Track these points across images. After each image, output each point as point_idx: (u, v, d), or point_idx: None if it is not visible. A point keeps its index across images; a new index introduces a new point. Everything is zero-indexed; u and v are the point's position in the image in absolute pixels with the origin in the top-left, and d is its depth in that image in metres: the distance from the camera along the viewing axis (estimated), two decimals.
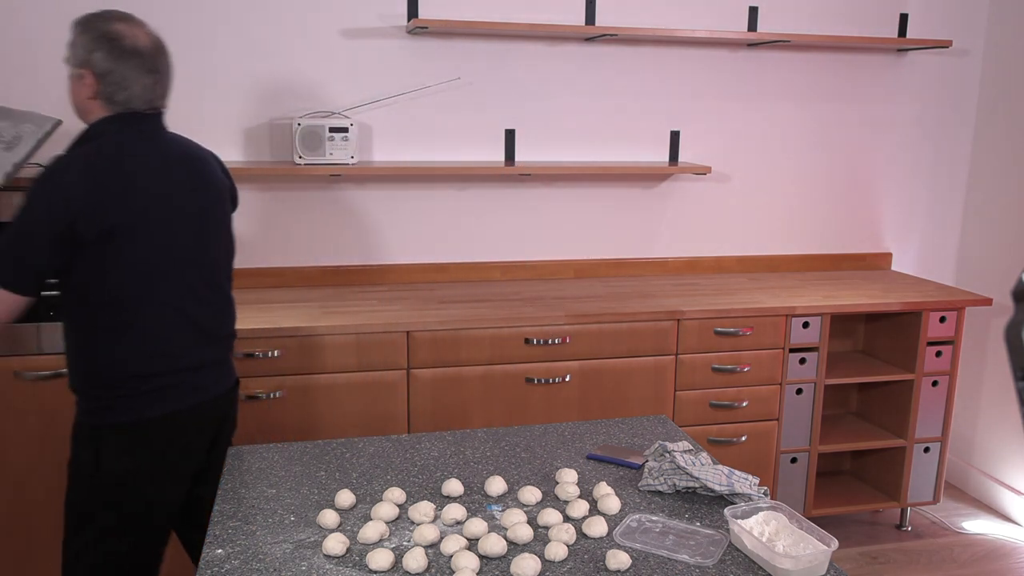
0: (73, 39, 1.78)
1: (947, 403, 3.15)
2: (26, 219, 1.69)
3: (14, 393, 2.41)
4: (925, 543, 3.21)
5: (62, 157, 1.76)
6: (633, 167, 3.14)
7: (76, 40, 1.77)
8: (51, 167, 1.73)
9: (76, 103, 1.82)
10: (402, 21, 3.00)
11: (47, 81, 2.77)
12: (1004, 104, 3.47)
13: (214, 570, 1.33)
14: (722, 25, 3.25)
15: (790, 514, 1.45)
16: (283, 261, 3.06)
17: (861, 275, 3.48)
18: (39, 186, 1.70)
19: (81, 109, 1.82)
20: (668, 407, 2.88)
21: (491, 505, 1.55)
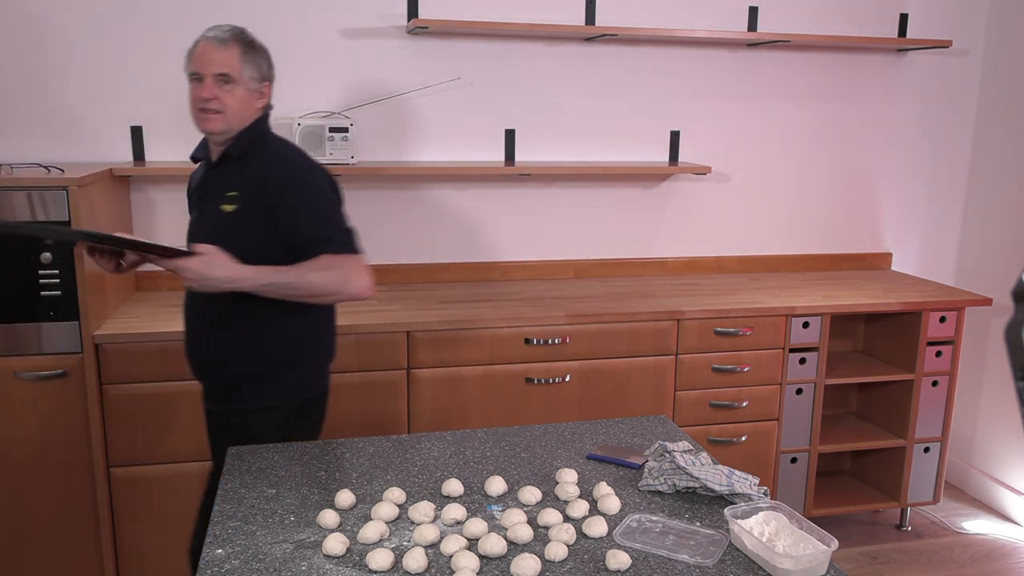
0: (251, 57, 1.93)
1: (947, 403, 3.15)
2: (328, 198, 1.95)
3: (14, 393, 2.41)
4: (925, 543, 3.21)
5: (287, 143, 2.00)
6: (633, 167, 3.14)
7: (255, 58, 1.94)
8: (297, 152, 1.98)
9: (243, 112, 1.93)
10: (402, 21, 3.00)
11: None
12: (1004, 104, 3.47)
13: (214, 570, 1.33)
14: (722, 25, 3.25)
15: (790, 514, 1.45)
16: None
17: (861, 275, 3.48)
18: (311, 172, 1.94)
19: (244, 117, 1.94)
20: (668, 407, 2.88)
21: (491, 505, 1.55)
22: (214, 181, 1.98)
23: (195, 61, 1.91)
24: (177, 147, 2.93)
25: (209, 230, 1.92)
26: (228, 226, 1.89)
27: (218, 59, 1.88)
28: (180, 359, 2.48)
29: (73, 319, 2.40)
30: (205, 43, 1.90)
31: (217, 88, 1.88)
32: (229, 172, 1.95)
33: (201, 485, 2.54)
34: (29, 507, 2.48)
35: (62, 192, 2.33)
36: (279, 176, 1.91)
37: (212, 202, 1.95)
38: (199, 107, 1.90)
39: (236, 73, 1.90)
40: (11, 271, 2.35)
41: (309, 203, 1.91)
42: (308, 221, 1.90)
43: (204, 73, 1.89)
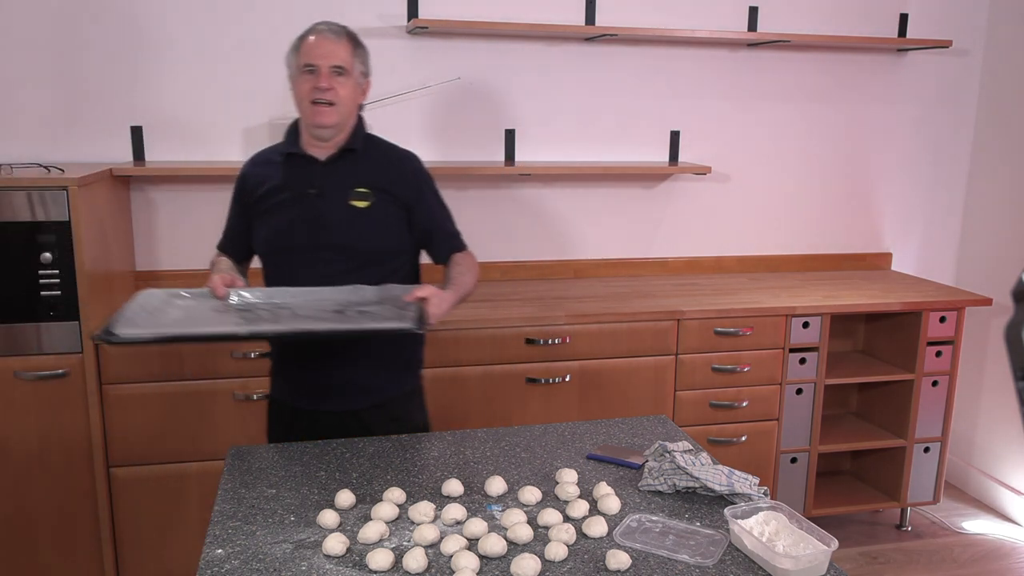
0: (359, 52, 1.95)
1: (947, 403, 3.15)
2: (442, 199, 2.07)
3: (14, 393, 2.41)
4: (925, 543, 3.21)
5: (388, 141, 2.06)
6: (633, 167, 3.14)
7: (362, 53, 1.96)
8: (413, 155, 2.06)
9: (352, 106, 1.96)
10: (402, 21, 3.00)
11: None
12: (1004, 104, 3.47)
13: (214, 570, 1.33)
14: (722, 25, 3.25)
15: (790, 514, 1.45)
16: None
17: (861, 275, 3.48)
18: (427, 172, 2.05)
19: (352, 111, 1.97)
20: (668, 407, 2.88)
21: (491, 505, 1.55)
22: (331, 176, 1.95)
23: (309, 53, 1.90)
24: (177, 147, 2.93)
25: (342, 226, 1.92)
26: (363, 221, 1.93)
27: (334, 51, 1.89)
28: (180, 359, 2.49)
29: (73, 319, 2.40)
30: (319, 36, 1.91)
31: (332, 79, 1.89)
32: (351, 167, 1.95)
33: (201, 485, 2.55)
34: (29, 507, 2.48)
35: (62, 192, 2.33)
36: (413, 174, 2.01)
37: (333, 197, 1.93)
38: (312, 99, 1.89)
39: (349, 66, 1.91)
40: (11, 271, 2.35)
41: (439, 201, 2.06)
42: (444, 219, 2.05)
43: (319, 65, 1.88)
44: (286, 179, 1.96)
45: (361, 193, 1.93)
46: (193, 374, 2.51)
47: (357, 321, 1.71)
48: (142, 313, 1.70)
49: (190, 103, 2.91)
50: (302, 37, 1.94)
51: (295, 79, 1.94)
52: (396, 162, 2.01)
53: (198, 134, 2.94)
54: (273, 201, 1.96)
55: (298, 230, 1.93)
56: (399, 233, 1.98)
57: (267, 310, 1.77)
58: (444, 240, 2.06)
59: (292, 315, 1.75)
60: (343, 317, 1.72)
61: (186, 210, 2.97)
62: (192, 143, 2.94)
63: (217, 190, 2.98)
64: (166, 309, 1.75)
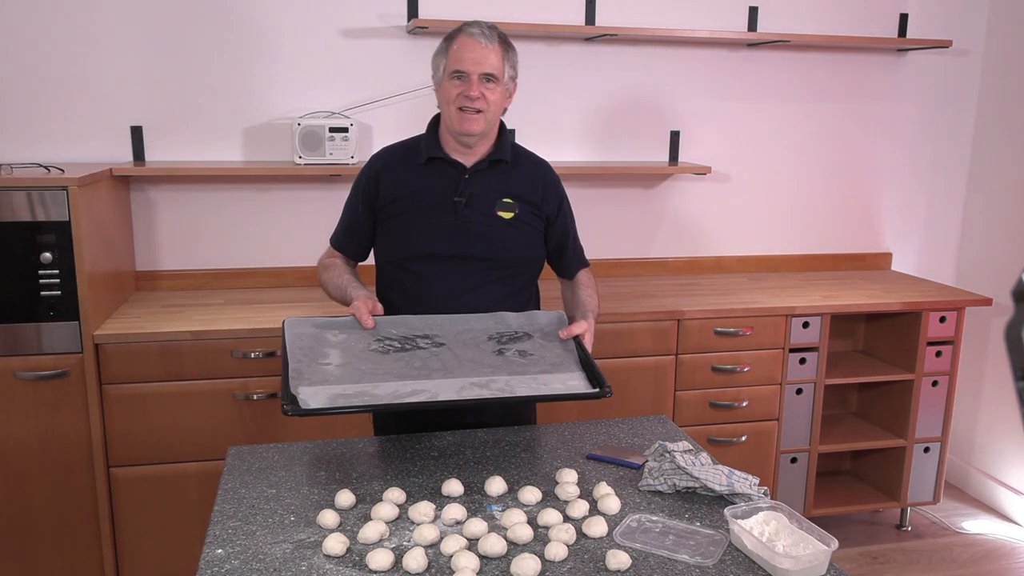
0: (509, 55, 1.91)
1: (947, 403, 3.15)
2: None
3: (14, 393, 2.41)
4: (925, 543, 3.21)
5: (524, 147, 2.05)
6: (633, 167, 3.14)
7: (512, 57, 1.92)
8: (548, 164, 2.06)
9: (499, 112, 1.93)
10: (402, 21, 3.00)
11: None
12: (1004, 104, 3.47)
13: (214, 570, 1.33)
14: (722, 25, 3.25)
15: (790, 514, 1.45)
16: (282, 261, 3.06)
17: (861, 275, 3.48)
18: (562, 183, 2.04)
19: (498, 116, 1.94)
20: (668, 407, 2.88)
21: (491, 505, 1.55)
22: (477, 184, 1.92)
23: (460, 59, 1.84)
24: (177, 147, 2.93)
25: (487, 236, 1.90)
26: (508, 233, 1.92)
27: (485, 57, 1.84)
28: (180, 359, 2.49)
29: (73, 319, 2.40)
30: (471, 40, 1.85)
31: (482, 86, 1.84)
32: (496, 177, 1.93)
33: (201, 485, 2.55)
34: (29, 507, 2.48)
35: (62, 192, 2.33)
36: (555, 188, 2.02)
37: (479, 206, 1.91)
38: (461, 105, 1.85)
39: (499, 72, 1.87)
40: (11, 271, 2.35)
41: (572, 214, 2.07)
42: (575, 233, 2.09)
43: (471, 71, 1.83)
44: (430, 184, 1.92)
45: (507, 204, 1.92)
46: (193, 374, 2.51)
47: (520, 365, 1.73)
48: (304, 360, 1.67)
49: (190, 103, 2.91)
50: (450, 38, 1.88)
51: (442, 82, 1.89)
52: (538, 172, 2.00)
53: (198, 134, 2.94)
54: (413, 205, 1.91)
55: (441, 237, 1.89)
56: (539, 245, 1.99)
57: (426, 348, 1.75)
58: (574, 255, 2.09)
59: (453, 355, 1.73)
60: (505, 360, 1.74)
61: (186, 210, 2.98)
62: (192, 143, 2.94)
63: (217, 190, 2.99)
64: (322, 349, 1.71)
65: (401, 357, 1.71)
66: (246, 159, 2.99)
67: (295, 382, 1.61)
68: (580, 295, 2.04)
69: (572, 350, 1.80)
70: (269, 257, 3.06)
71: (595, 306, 2.01)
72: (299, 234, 3.05)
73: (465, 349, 1.75)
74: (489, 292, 1.91)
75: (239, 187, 3.00)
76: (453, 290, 1.90)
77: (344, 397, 1.59)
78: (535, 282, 2.06)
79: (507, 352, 1.75)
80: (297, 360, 1.67)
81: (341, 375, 1.65)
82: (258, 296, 2.92)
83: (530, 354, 1.76)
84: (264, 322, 2.56)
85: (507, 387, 1.65)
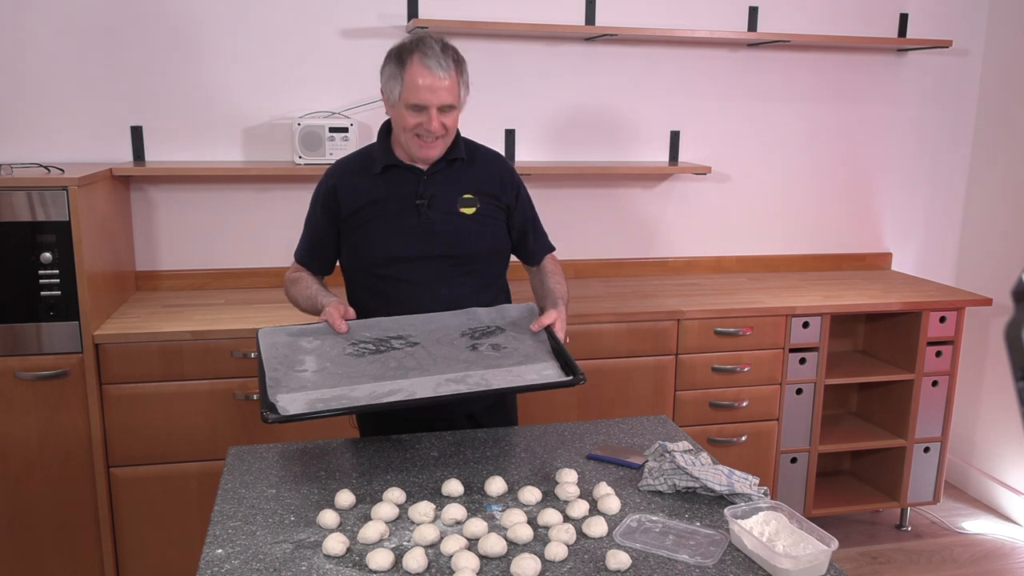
0: (464, 75, 1.88)
1: (947, 403, 3.15)
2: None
3: (14, 393, 2.41)
4: (925, 543, 3.21)
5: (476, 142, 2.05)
6: (633, 167, 3.14)
7: (464, 73, 1.88)
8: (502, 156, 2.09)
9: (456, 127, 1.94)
10: (402, 21, 3.00)
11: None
12: (1004, 104, 3.47)
13: (214, 570, 1.33)
14: (722, 25, 3.25)
15: (790, 514, 1.45)
16: (283, 261, 3.04)
17: (861, 275, 3.48)
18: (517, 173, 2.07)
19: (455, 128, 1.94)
20: (668, 407, 2.88)
21: (491, 505, 1.55)
22: (436, 185, 1.94)
23: (417, 92, 1.80)
24: (177, 147, 2.93)
25: (453, 233, 1.92)
26: (472, 228, 1.95)
27: (443, 88, 1.81)
28: (180, 359, 2.49)
29: (73, 319, 2.40)
30: (426, 71, 1.79)
31: (442, 117, 1.84)
32: (454, 175, 1.95)
33: (201, 485, 2.55)
34: (29, 507, 2.48)
35: (62, 192, 2.33)
36: (510, 177, 2.03)
37: (441, 206, 1.92)
38: (421, 135, 1.85)
39: (457, 99, 1.86)
40: (11, 271, 2.35)
41: (531, 202, 2.10)
42: (536, 219, 2.11)
43: (430, 103, 1.81)
44: (389, 190, 1.92)
45: (468, 200, 1.94)
46: (193, 374, 2.51)
47: (494, 358, 1.74)
48: (281, 368, 1.68)
49: (190, 103, 2.91)
50: (403, 61, 1.82)
51: (396, 106, 1.86)
52: (494, 165, 2.03)
53: (198, 134, 2.94)
54: (375, 213, 1.92)
55: (407, 240, 1.91)
56: (503, 235, 2.02)
57: (400, 348, 1.77)
58: (536, 241, 2.12)
59: (428, 354, 1.75)
60: (479, 355, 1.75)
61: (186, 210, 2.98)
62: (192, 143, 2.94)
63: (217, 190, 2.99)
64: (298, 356, 1.73)
65: (376, 359, 1.73)
66: (246, 159, 2.99)
67: (273, 390, 1.62)
68: (548, 283, 2.06)
69: (544, 340, 1.81)
70: (269, 257, 3.06)
71: (564, 292, 2.03)
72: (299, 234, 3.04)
73: (439, 347, 1.77)
74: (460, 286, 1.94)
75: (239, 187, 3.00)
76: (424, 289, 1.93)
77: (323, 402, 1.60)
78: (504, 274, 2.08)
79: (480, 347, 1.78)
80: (273, 369, 1.68)
81: (318, 380, 1.66)
82: (258, 296, 2.92)
83: (503, 347, 1.78)
84: (264, 322, 2.56)
85: (483, 381, 1.67)
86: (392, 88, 1.85)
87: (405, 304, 1.91)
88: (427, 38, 1.84)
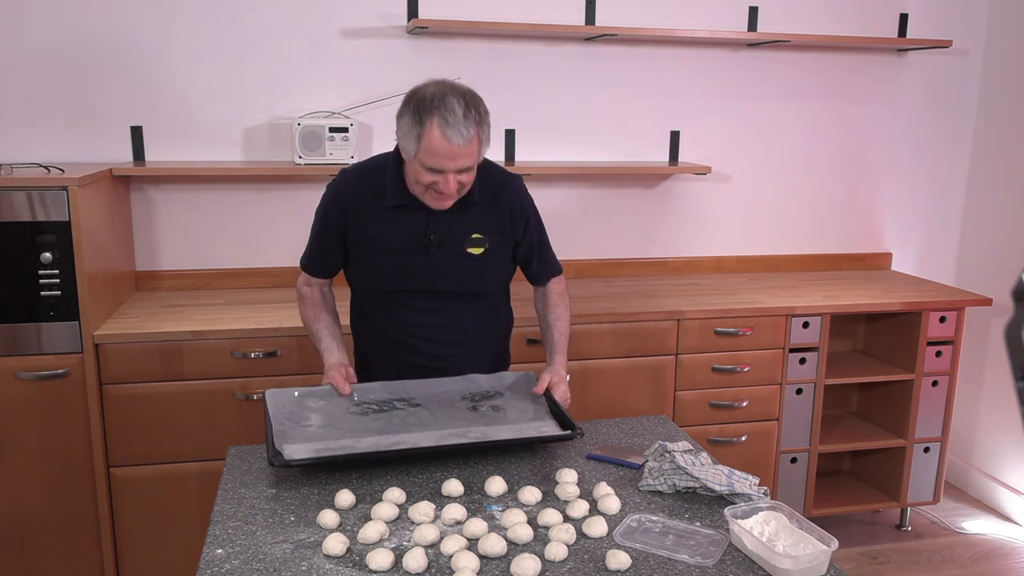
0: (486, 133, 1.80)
1: (947, 403, 3.15)
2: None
3: (14, 393, 2.41)
4: (925, 543, 3.21)
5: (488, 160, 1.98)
6: (633, 167, 3.14)
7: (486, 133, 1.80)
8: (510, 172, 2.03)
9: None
10: (402, 21, 3.00)
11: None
12: (1004, 104, 3.47)
13: (214, 570, 1.33)
14: (722, 25, 3.25)
15: (790, 514, 1.45)
16: (283, 261, 3.06)
17: (861, 275, 3.48)
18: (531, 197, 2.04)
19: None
20: (668, 407, 2.88)
21: (491, 505, 1.55)
22: (447, 224, 1.90)
23: (436, 160, 1.73)
24: (177, 147, 2.93)
25: (459, 273, 1.93)
26: (480, 268, 1.95)
27: (463, 156, 1.75)
28: (180, 359, 2.49)
29: (73, 319, 2.40)
30: (447, 143, 1.71)
31: (458, 176, 1.78)
32: (464, 214, 1.91)
33: (201, 485, 2.55)
34: (29, 507, 2.48)
35: (62, 192, 2.33)
36: (520, 212, 1.99)
37: (450, 246, 1.91)
38: (435, 191, 1.80)
39: (475, 160, 1.80)
40: (11, 271, 2.35)
41: (541, 226, 2.07)
42: (544, 243, 2.09)
43: (448, 169, 1.75)
44: (399, 226, 1.90)
45: (476, 240, 1.93)
46: (193, 374, 2.51)
47: (494, 417, 1.82)
48: (287, 423, 1.75)
49: (190, 103, 2.91)
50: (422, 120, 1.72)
51: (413, 164, 1.79)
52: (504, 197, 1.95)
53: (198, 134, 2.94)
54: (383, 247, 1.91)
55: (413, 277, 1.92)
56: (508, 269, 2.03)
57: (403, 408, 1.83)
58: (542, 265, 2.10)
59: (430, 413, 1.82)
60: (480, 414, 1.82)
61: (186, 210, 2.97)
62: (192, 143, 2.94)
63: (217, 190, 2.99)
64: (304, 414, 1.79)
65: (380, 416, 1.80)
66: (246, 159, 2.99)
67: (279, 440, 1.68)
68: (548, 318, 2.09)
69: (543, 403, 1.89)
70: (269, 257, 3.06)
71: (564, 330, 2.07)
72: (299, 234, 3.02)
73: (441, 408, 1.84)
74: (466, 314, 1.99)
75: (239, 187, 3.00)
76: (429, 314, 1.96)
77: (328, 450, 1.67)
78: (507, 291, 2.11)
79: (481, 408, 1.86)
80: (280, 423, 1.75)
81: (323, 434, 1.73)
82: (258, 296, 2.92)
83: (503, 408, 1.86)
84: (264, 322, 2.56)
85: (483, 435, 1.74)
86: (408, 144, 1.77)
87: (409, 322, 1.96)
88: (449, 97, 1.73)
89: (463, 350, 2.02)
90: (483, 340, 2.06)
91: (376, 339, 2.03)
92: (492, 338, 2.10)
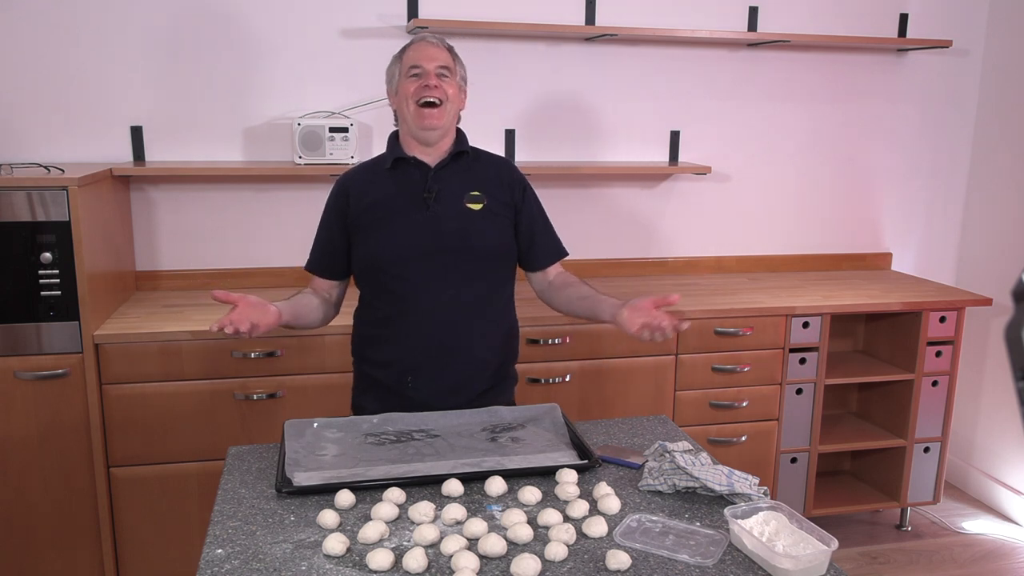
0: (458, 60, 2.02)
1: (947, 403, 3.15)
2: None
3: (14, 393, 2.41)
4: (925, 543, 3.21)
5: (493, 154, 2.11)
6: (633, 167, 3.14)
7: (460, 62, 2.03)
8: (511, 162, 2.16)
9: (455, 109, 2.00)
10: (402, 21, 3.00)
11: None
12: (1004, 104, 3.47)
13: (214, 570, 1.33)
14: (722, 25, 3.25)
15: (790, 514, 1.45)
16: (283, 261, 3.06)
17: (861, 275, 3.48)
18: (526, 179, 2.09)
19: (454, 115, 2.00)
20: (668, 407, 2.88)
21: (491, 505, 1.55)
22: (444, 180, 1.97)
23: (416, 56, 1.95)
24: (177, 147, 2.93)
25: (460, 228, 1.95)
26: (480, 223, 1.97)
27: (438, 55, 1.96)
28: (180, 359, 2.49)
29: (73, 319, 2.40)
30: (423, 42, 1.98)
31: (439, 79, 1.94)
32: (462, 171, 2.00)
33: (201, 485, 2.55)
34: (29, 507, 2.48)
35: (62, 192, 2.34)
36: (518, 180, 2.07)
37: (448, 201, 1.96)
38: (420, 99, 1.92)
39: (452, 69, 1.97)
40: (11, 271, 2.35)
41: (541, 207, 2.12)
42: (546, 223, 2.12)
43: (427, 67, 1.93)
44: (398, 186, 1.97)
45: (475, 196, 1.98)
46: (193, 374, 2.51)
47: (512, 448, 1.77)
48: (302, 451, 1.73)
49: (190, 103, 2.91)
50: (404, 47, 2.01)
51: (399, 87, 1.98)
52: (502, 169, 2.07)
53: (198, 134, 2.95)
54: (384, 209, 1.96)
55: (415, 235, 1.94)
56: (509, 235, 2.04)
57: (420, 439, 1.81)
58: (545, 244, 2.11)
59: (447, 444, 1.78)
60: (498, 445, 1.78)
61: (186, 210, 2.98)
62: (192, 143, 2.94)
63: (217, 190, 2.99)
64: (319, 443, 1.78)
65: (396, 447, 1.77)
66: (246, 159, 2.99)
67: (291, 468, 1.66)
68: (574, 290, 2.05)
69: (564, 434, 1.83)
70: (269, 257, 3.06)
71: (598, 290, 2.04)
72: (299, 234, 3.05)
73: (459, 439, 1.81)
74: (467, 290, 1.96)
75: (239, 187, 3.00)
76: (431, 292, 1.94)
77: (338, 477, 1.64)
78: (511, 283, 2.08)
79: (500, 439, 1.81)
80: (294, 451, 1.73)
81: (336, 463, 1.71)
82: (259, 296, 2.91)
83: (523, 440, 1.81)
84: None
85: (498, 464, 1.70)
86: (393, 74, 2.01)
87: (411, 304, 1.94)
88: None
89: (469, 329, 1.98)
90: (488, 320, 2.02)
91: (383, 331, 1.99)
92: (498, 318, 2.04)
